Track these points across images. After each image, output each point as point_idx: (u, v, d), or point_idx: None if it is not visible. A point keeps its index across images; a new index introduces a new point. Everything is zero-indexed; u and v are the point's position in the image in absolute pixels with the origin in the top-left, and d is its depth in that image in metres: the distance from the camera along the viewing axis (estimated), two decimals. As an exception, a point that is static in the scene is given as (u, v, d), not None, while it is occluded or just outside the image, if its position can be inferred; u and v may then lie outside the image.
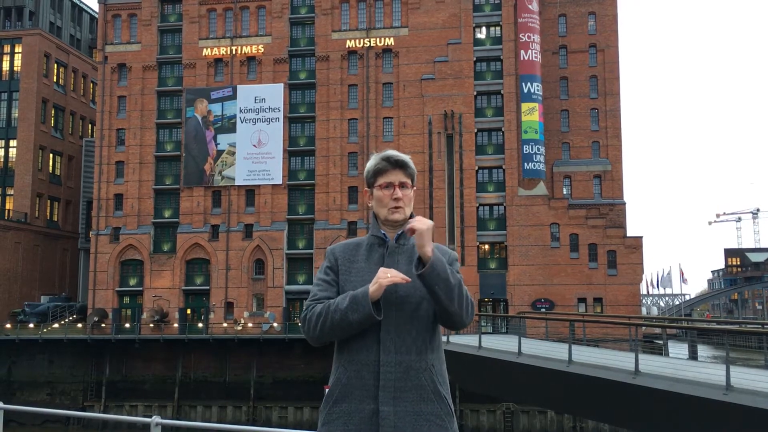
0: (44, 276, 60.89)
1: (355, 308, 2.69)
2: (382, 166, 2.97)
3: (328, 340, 2.83)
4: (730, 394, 11.56)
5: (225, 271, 53.72)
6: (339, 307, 2.73)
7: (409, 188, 2.96)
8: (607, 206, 54.56)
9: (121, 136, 57.11)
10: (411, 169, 2.98)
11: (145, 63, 57.27)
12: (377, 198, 2.97)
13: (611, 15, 57.49)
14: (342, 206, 53.58)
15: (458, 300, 2.74)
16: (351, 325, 2.72)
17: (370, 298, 2.68)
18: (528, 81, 53.56)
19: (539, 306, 49.46)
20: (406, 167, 2.96)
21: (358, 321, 2.71)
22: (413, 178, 2.98)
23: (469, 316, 2.81)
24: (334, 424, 2.80)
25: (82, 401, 47.67)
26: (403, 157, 2.98)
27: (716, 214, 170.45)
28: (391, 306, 2.82)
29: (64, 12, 70.82)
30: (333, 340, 2.86)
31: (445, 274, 2.69)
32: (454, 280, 2.72)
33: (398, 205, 2.92)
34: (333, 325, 2.74)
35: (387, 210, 2.92)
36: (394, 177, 2.94)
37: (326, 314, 2.76)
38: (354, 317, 2.70)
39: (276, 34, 56.22)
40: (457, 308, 2.75)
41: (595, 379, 14.90)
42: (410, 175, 2.97)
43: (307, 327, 2.83)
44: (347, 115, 54.68)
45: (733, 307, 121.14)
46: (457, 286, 2.73)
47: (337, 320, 2.72)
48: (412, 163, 3.00)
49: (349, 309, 2.70)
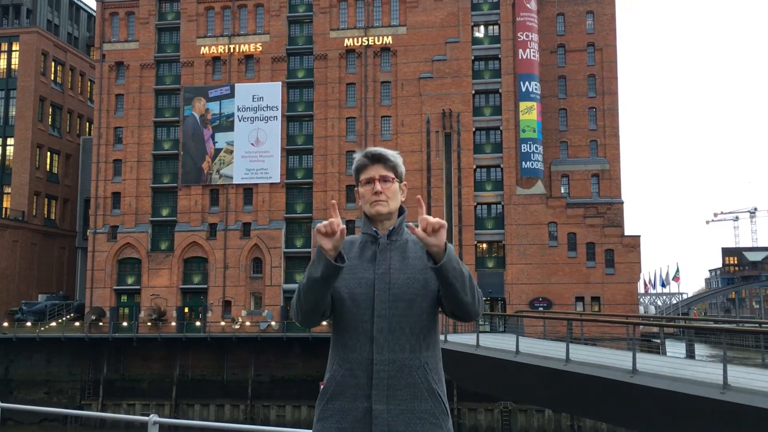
0: (42, 274, 60.80)
1: (315, 265, 2.67)
2: (361, 163, 2.96)
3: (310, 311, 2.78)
4: (728, 393, 11.57)
5: (223, 270, 53.68)
6: (308, 270, 2.72)
7: (391, 181, 2.92)
8: (605, 205, 54.60)
9: (119, 135, 57.02)
10: (391, 162, 2.94)
11: (143, 61, 57.19)
12: (361, 195, 2.96)
13: (609, 14, 57.51)
14: (340, 205, 53.50)
15: (471, 290, 2.72)
16: (317, 281, 2.68)
17: (325, 251, 2.63)
18: (526, 80, 53.56)
19: (537, 305, 49.47)
20: (385, 161, 2.93)
21: (322, 274, 2.66)
22: (396, 170, 2.94)
23: (480, 306, 2.80)
24: (329, 421, 2.80)
25: (79, 400, 47.60)
26: (381, 151, 2.95)
27: (714, 213, 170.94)
28: (384, 303, 2.81)
29: (61, 10, 70.72)
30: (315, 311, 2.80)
31: (460, 266, 2.68)
32: (466, 271, 2.71)
33: (379, 198, 2.89)
34: (306, 290, 2.72)
35: (369, 205, 2.91)
36: (374, 171, 2.92)
37: (299, 287, 2.76)
38: (317, 273, 2.66)
39: (274, 33, 56.17)
40: (471, 298, 2.73)
41: (593, 378, 14.91)
42: (392, 167, 2.93)
43: (294, 308, 2.84)
44: (345, 114, 54.65)
45: (731, 306, 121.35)
46: (469, 277, 2.72)
47: (305, 285, 2.72)
48: (394, 156, 2.95)
49: (311, 267, 2.69)
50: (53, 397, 47.62)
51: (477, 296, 2.76)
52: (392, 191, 2.93)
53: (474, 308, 2.75)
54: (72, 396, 47.81)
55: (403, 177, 3.00)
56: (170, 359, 48.30)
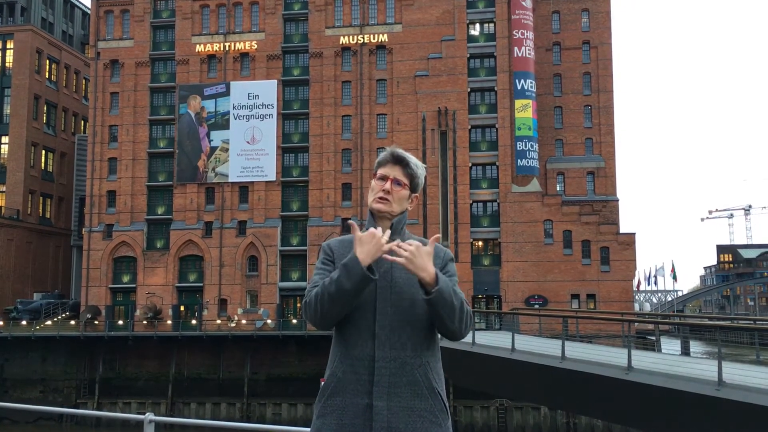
0: (37, 273, 60.65)
1: (347, 275, 2.65)
2: (383, 159, 2.98)
3: (332, 318, 2.77)
4: (722, 390, 11.60)
5: (218, 268, 53.63)
6: (333, 279, 2.69)
7: (403, 187, 2.94)
8: (601, 203, 54.71)
9: (114, 133, 56.89)
10: (411, 169, 2.95)
11: (138, 59, 57.05)
12: (371, 187, 2.99)
13: (604, 12, 57.59)
14: (336, 203, 53.53)
15: (458, 318, 2.73)
16: (348, 293, 2.66)
17: (361, 262, 2.64)
18: (522, 78, 53.61)
19: (533, 302, 49.56)
20: (406, 165, 2.95)
21: (354, 287, 2.65)
22: (413, 179, 2.96)
23: (466, 330, 2.80)
24: (329, 417, 2.80)
25: (75, 399, 47.51)
26: (407, 156, 2.96)
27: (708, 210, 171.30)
28: (386, 301, 2.82)
29: (56, 8, 70.49)
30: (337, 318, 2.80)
31: (451, 299, 2.68)
32: (457, 301, 2.70)
33: (385, 196, 2.91)
34: (332, 298, 2.68)
35: (373, 199, 2.94)
36: (390, 171, 2.94)
37: (323, 291, 2.71)
38: (348, 284, 2.64)
39: (269, 31, 56.08)
40: (457, 325, 2.74)
41: (589, 375, 14.94)
42: (409, 174, 2.95)
43: (308, 311, 2.78)
44: (341, 112, 54.60)
45: (725, 303, 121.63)
46: (459, 307, 2.71)
47: (333, 292, 2.67)
48: (415, 165, 2.96)
49: (342, 277, 2.65)
50: (49, 395, 47.53)
51: (465, 322, 2.76)
52: (400, 195, 2.94)
53: (458, 334, 2.77)
54: (68, 395, 47.73)
55: (419, 190, 3.01)
56: (166, 357, 48.26)
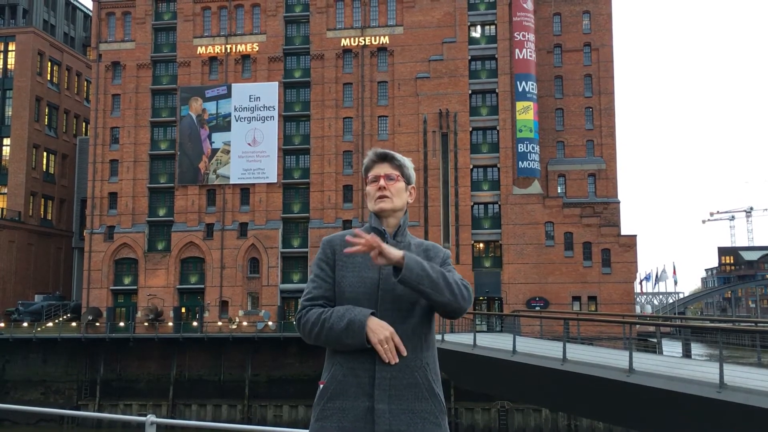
0: (38, 275, 60.68)
1: (351, 335, 2.74)
2: (369, 161, 3.03)
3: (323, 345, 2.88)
4: (724, 392, 11.60)
5: (220, 270, 53.64)
6: (335, 327, 2.76)
7: (396, 180, 2.97)
8: (602, 205, 54.70)
9: (116, 135, 56.95)
10: (398, 161, 3.00)
11: (140, 61, 57.12)
12: (367, 193, 3.02)
13: (606, 14, 57.63)
14: (337, 205, 53.56)
15: (447, 289, 2.72)
16: (346, 346, 2.78)
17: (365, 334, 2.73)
18: (523, 80, 53.63)
19: (534, 304, 49.52)
20: (391, 159, 3.00)
21: (352, 345, 2.76)
22: (403, 170, 3.00)
23: (466, 300, 2.77)
24: (329, 420, 2.79)
25: (76, 400, 47.51)
26: (390, 152, 3.02)
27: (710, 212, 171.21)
28: (387, 304, 2.82)
29: (57, 10, 70.58)
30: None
31: (423, 271, 2.69)
32: (434, 272, 2.71)
33: (383, 194, 2.94)
34: (328, 340, 2.80)
35: (374, 202, 2.96)
36: (379, 170, 2.99)
37: (321, 328, 2.79)
38: (349, 341, 2.76)
39: (271, 33, 56.13)
40: (450, 296, 2.73)
41: (590, 378, 14.93)
42: (398, 167, 3.00)
43: (302, 331, 2.88)
44: (342, 114, 54.64)
45: (727, 305, 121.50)
46: (441, 277, 2.72)
47: (332, 338, 2.77)
48: (401, 158, 3.02)
49: (344, 333, 2.75)
50: (50, 397, 47.53)
51: (458, 293, 2.74)
52: (396, 188, 2.97)
53: (455, 305, 2.74)
54: (69, 396, 47.72)
55: (412, 181, 3.05)
56: (167, 359, 48.24)
